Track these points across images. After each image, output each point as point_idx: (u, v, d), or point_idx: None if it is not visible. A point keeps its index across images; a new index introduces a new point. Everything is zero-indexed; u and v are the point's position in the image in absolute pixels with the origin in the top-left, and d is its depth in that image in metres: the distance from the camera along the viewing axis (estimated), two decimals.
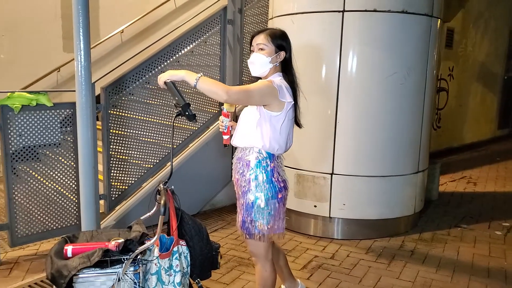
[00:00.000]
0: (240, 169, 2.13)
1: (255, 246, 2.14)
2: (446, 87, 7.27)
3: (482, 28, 8.04)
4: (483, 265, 3.27)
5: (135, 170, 3.69)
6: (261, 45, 2.07)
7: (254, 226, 2.07)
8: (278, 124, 2.05)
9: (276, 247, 2.45)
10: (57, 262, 1.71)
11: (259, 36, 2.09)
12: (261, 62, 2.07)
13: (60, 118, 3.19)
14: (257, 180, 2.06)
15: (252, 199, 2.06)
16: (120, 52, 5.71)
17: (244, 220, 2.10)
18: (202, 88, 1.87)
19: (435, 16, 3.65)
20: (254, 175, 2.06)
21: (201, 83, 1.85)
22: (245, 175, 2.09)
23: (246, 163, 2.09)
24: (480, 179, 6.04)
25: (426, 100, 3.76)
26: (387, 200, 3.71)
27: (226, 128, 2.24)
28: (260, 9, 4.62)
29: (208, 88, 1.87)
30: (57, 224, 3.28)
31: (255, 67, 2.11)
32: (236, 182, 2.19)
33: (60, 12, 5.33)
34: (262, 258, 2.17)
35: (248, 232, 2.10)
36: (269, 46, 2.07)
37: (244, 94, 1.95)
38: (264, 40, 2.07)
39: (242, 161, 2.12)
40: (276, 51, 2.08)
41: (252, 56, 2.11)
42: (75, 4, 2.41)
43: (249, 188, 2.07)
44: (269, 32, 2.09)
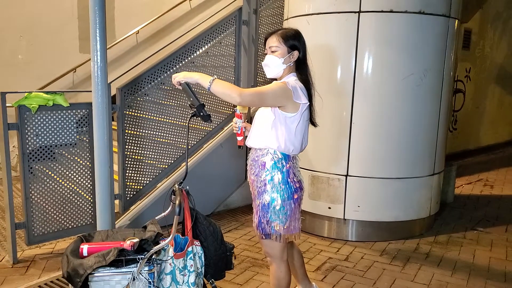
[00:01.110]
0: (256, 170, 2.13)
1: (271, 246, 2.14)
2: (463, 89, 7.15)
3: (500, 29, 7.89)
4: (499, 269, 3.21)
5: (150, 170, 3.72)
6: (274, 47, 2.08)
7: (271, 226, 2.07)
8: (293, 125, 2.05)
9: (295, 248, 2.45)
10: (73, 261, 1.73)
11: (271, 38, 2.10)
12: (275, 64, 2.08)
13: (76, 118, 3.23)
14: (273, 181, 2.06)
15: (268, 200, 2.06)
16: (136, 53, 5.77)
17: (260, 221, 2.10)
18: (216, 90, 1.88)
19: (453, 17, 3.60)
20: (270, 176, 2.07)
21: (215, 86, 1.87)
22: (260, 176, 2.09)
23: (262, 164, 2.09)
24: (497, 182, 5.92)
25: (443, 102, 3.70)
26: (402, 202, 3.66)
27: (240, 130, 2.23)
28: (275, 9, 4.61)
29: (221, 91, 1.88)
30: (72, 223, 3.32)
31: (269, 69, 2.11)
32: (251, 183, 2.19)
33: (77, 13, 5.41)
34: (278, 258, 2.17)
35: (264, 233, 2.10)
36: (281, 47, 2.07)
37: (258, 96, 1.96)
38: (276, 42, 2.08)
39: (257, 162, 2.12)
40: (289, 51, 2.08)
41: (266, 59, 2.11)
42: (92, 5, 2.43)
43: (265, 189, 2.07)
44: (281, 33, 2.09)
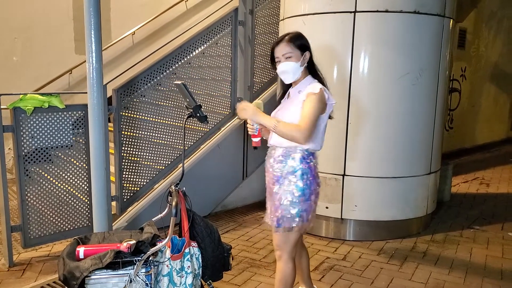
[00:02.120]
0: (282, 167, 2.15)
1: (286, 240, 2.17)
2: (459, 88, 7.18)
3: (495, 28, 7.94)
4: (496, 267, 3.23)
5: (147, 172, 3.71)
6: (287, 54, 2.11)
7: (295, 218, 2.12)
8: (323, 124, 2.17)
9: (305, 249, 2.51)
10: (69, 264, 1.72)
11: (280, 46, 2.13)
12: (293, 69, 2.12)
13: (72, 120, 3.21)
14: (302, 175, 2.12)
15: (298, 193, 2.11)
16: (132, 54, 5.76)
17: (283, 214, 2.12)
18: (280, 132, 2.04)
19: (448, 16, 3.61)
20: (300, 172, 2.13)
21: (280, 128, 2.02)
22: (289, 171, 2.13)
23: (291, 160, 2.14)
24: (493, 180, 5.95)
25: (438, 101, 3.71)
26: (399, 201, 3.67)
27: (257, 131, 2.21)
28: (271, 10, 4.61)
29: (285, 133, 2.03)
30: (69, 225, 3.31)
31: (289, 76, 2.15)
32: (271, 178, 2.20)
33: (72, 14, 5.39)
34: (288, 253, 2.20)
35: (285, 225, 2.13)
36: (294, 52, 2.12)
37: (312, 123, 2.04)
38: (288, 48, 2.11)
39: (285, 158, 2.15)
40: (302, 53, 2.14)
41: (281, 66, 2.13)
42: (87, 6, 2.43)
43: (295, 182, 2.12)
44: (289, 38, 2.13)
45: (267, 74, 4.67)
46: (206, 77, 4.12)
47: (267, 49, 4.63)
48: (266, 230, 3.91)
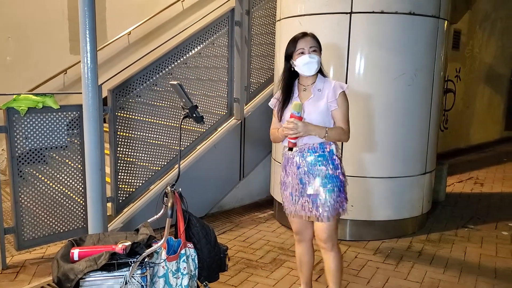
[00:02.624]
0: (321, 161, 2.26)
1: (333, 228, 2.32)
2: (453, 89, 7.22)
3: (489, 29, 7.99)
4: (490, 266, 3.25)
5: (143, 173, 3.69)
6: (314, 47, 2.24)
7: (343, 205, 2.30)
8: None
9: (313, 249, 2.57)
10: (64, 266, 1.70)
11: (306, 38, 2.25)
12: (318, 62, 2.25)
13: (67, 121, 3.19)
14: (340, 164, 2.32)
15: (343, 179, 2.31)
16: (127, 54, 5.73)
17: (334, 204, 2.26)
18: (330, 138, 2.24)
19: (442, 18, 3.63)
20: (338, 161, 2.31)
21: (330, 135, 2.21)
22: (329, 164, 2.27)
23: (329, 153, 2.28)
24: (487, 180, 5.99)
25: (434, 101, 3.73)
26: (395, 201, 3.68)
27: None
28: (267, 10, 4.61)
29: (335, 138, 2.26)
30: (64, 227, 3.28)
31: (314, 66, 2.24)
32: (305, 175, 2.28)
33: (67, 14, 5.36)
34: (336, 241, 2.36)
35: (337, 213, 2.28)
36: (318, 48, 2.27)
37: (349, 122, 2.31)
38: (314, 42, 2.25)
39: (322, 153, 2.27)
40: (321, 51, 2.30)
41: (307, 57, 2.22)
42: (81, 5, 2.41)
43: (339, 172, 2.29)
44: (312, 35, 2.29)
45: (264, 75, 4.67)
46: (203, 77, 4.11)
47: (264, 50, 4.63)
48: (263, 231, 3.90)
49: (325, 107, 2.24)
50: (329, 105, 2.25)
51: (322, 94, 2.26)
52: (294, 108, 2.16)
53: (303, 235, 2.47)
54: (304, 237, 2.48)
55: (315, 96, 2.27)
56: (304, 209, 2.30)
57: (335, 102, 2.24)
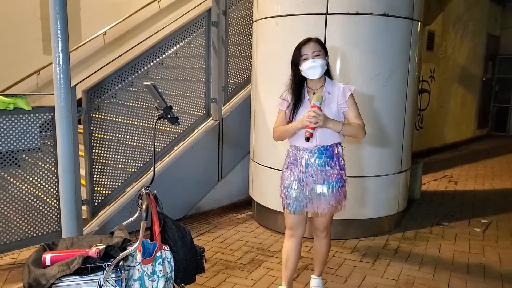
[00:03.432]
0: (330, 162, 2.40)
1: (331, 221, 2.58)
2: (428, 89, 7.38)
3: (461, 31, 8.21)
4: (463, 262, 3.34)
5: (119, 175, 3.63)
6: (317, 52, 2.33)
7: (342, 202, 2.47)
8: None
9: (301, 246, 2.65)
10: (35, 271, 1.67)
11: (309, 44, 2.36)
12: (322, 65, 2.33)
13: (40, 122, 3.12)
14: (344, 164, 2.47)
15: (345, 179, 2.48)
16: (103, 54, 5.63)
17: (339, 201, 2.45)
18: (347, 132, 2.34)
19: (416, 19, 3.71)
20: (343, 161, 2.46)
21: (347, 129, 2.32)
22: (336, 165, 2.42)
23: (335, 154, 2.43)
24: (460, 178, 6.15)
25: (408, 101, 3.81)
26: (371, 200, 3.74)
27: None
28: (244, 11, 4.61)
29: (352, 132, 2.35)
30: (37, 231, 3.20)
31: (317, 70, 2.33)
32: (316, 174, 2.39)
33: (39, 13, 5.23)
34: (330, 229, 2.64)
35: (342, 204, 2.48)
36: (322, 52, 2.36)
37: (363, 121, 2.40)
38: (317, 47, 2.35)
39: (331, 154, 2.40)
40: (325, 55, 2.38)
41: (311, 61, 2.31)
42: (52, 4, 2.35)
43: (343, 172, 2.45)
44: (316, 39, 2.39)
45: (242, 75, 4.67)
46: (180, 78, 4.07)
47: (241, 50, 4.63)
48: (242, 232, 3.90)
49: (336, 109, 2.38)
50: (340, 107, 2.39)
51: (333, 97, 2.38)
52: (317, 99, 2.26)
53: (296, 231, 2.54)
54: (296, 233, 2.54)
55: (326, 100, 2.38)
56: (308, 205, 2.43)
57: (345, 104, 2.38)
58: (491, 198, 5.17)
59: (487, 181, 5.99)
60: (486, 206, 4.81)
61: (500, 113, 10.53)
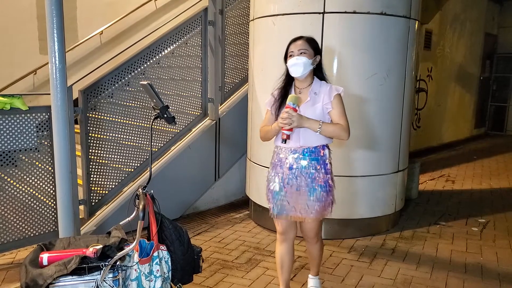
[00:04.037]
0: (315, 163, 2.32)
1: (319, 227, 2.51)
2: (425, 88, 7.39)
3: (459, 30, 8.22)
4: (460, 261, 3.34)
5: (116, 174, 3.63)
6: (303, 50, 2.29)
7: (329, 207, 2.38)
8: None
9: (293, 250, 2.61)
10: (32, 271, 1.66)
11: (297, 42, 2.32)
12: (305, 64, 2.27)
13: (36, 122, 3.11)
14: (331, 168, 2.39)
15: (332, 184, 2.38)
16: (99, 54, 5.62)
17: (325, 206, 2.35)
18: (326, 132, 2.25)
19: (413, 18, 3.71)
20: (329, 165, 2.38)
21: (325, 128, 2.24)
22: (322, 168, 2.34)
23: (321, 157, 2.34)
24: (458, 177, 6.16)
25: (405, 101, 3.81)
26: (368, 200, 3.74)
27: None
28: (241, 10, 4.60)
29: (331, 132, 2.27)
30: (34, 231, 3.19)
31: (299, 68, 2.28)
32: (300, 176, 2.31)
33: (36, 12, 5.21)
34: (320, 234, 2.57)
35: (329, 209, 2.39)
36: (309, 51, 2.30)
37: (347, 120, 2.32)
38: (304, 45, 2.30)
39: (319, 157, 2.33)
40: (314, 54, 2.32)
41: (295, 59, 2.28)
42: (48, 4, 2.35)
43: (329, 176, 2.36)
44: (306, 38, 2.34)
45: (239, 75, 4.67)
46: (176, 77, 4.07)
47: (238, 50, 4.63)
48: (239, 231, 3.90)
49: (321, 110, 2.31)
50: (325, 108, 2.31)
51: (319, 97, 2.32)
52: (290, 99, 2.22)
53: (288, 235, 2.49)
54: (288, 237, 2.50)
55: (311, 100, 2.33)
56: (292, 210, 2.35)
57: (329, 104, 2.31)
58: (488, 198, 5.18)
59: (485, 181, 6.00)
60: (483, 206, 4.82)
61: (497, 112, 10.56)
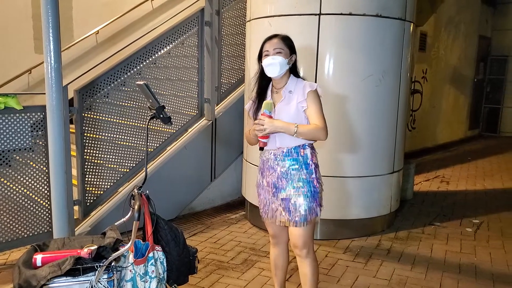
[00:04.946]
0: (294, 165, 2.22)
1: (310, 234, 2.28)
2: (420, 89, 7.43)
3: (453, 32, 8.27)
4: (455, 261, 3.36)
5: (111, 175, 3.61)
6: (278, 49, 2.20)
7: (317, 211, 2.23)
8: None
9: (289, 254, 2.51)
10: (25, 272, 1.65)
11: (272, 40, 2.23)
12: (281, 64, 2.19)
13: (31, 122, 3.09)
14: (316, 169, 2.26)
15: (317, 185, 2.24)
16: (95, 53, 5.59)
17: (308, 209, 2.20)
18: (302, 134, 2.15)
19: (408, 20, 3.73)
20: (313, 166, 2.24)
21: (301, 131, 2.14)
22: (303, 169, 2.22)
23: (303, 157, 2.23)
24: (452, 178, 6.19)
25: (401, 102, 3.83)
26: (364, 200, 3.75)
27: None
28: (237, 11, 4.60)
29: (307, 134, 2.16)
30: (28, 231, 3.17)
31: (276, 68, 2.19)
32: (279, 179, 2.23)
33: (31, 11, 5.18)
34: (312, 247, 2.32)
35: (310, 220, 2.21)
36: (284, 50, 2.23)
37: (324, 119, 2.21)
38: (280, 44, 2.22)
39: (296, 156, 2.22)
40: (290, 53, 2.25)
41: (272, 58, 2.19)
42: (44, 3, 2.34)
43: (313, 177, 2.23)
44: (281, 37, 2.26)
45: (235, 75, 4.66)
46: (173, 77, 4.06)
47: (234, 50, 4.62)
48: (235, 232, 3.90)
49: (295, 109, 2.20)
50: (299, 106, 2.20)
51: (293, 95, 2.22)
52: (265, 106, 2.17)
53: (279, 238, 2.43)
54: (280, 240, 2.44)
55: (286, 99, 2.23)
56: (277, 213, 2.26)
57: (304, 102, 2.20)
58: (482, 198, 5.21)
59: (479, 182, 6.04)
60: (477, 206, 4.85)
61: (491, 114, 10.63)
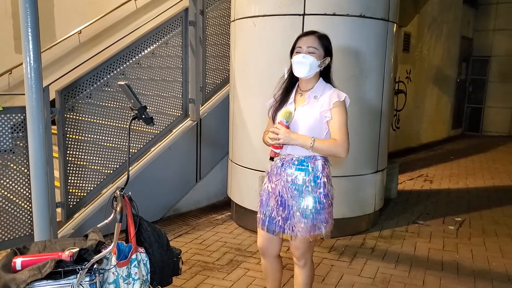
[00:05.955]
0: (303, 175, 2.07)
1: (309, 247, 2.16)
2: (405, 90, 7.52)
3: (436, 33, 8.40)
4: (437, 259, 3.41)
5: (94, 176, 3.56)
6: (312, 48, 2.03)
7: (320, 228, 2.07)
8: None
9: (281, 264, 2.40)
10: (4, 276, 1.62)
11: (309, 37, 2.06)
12: (311, 64, 2.02)
13: (11, 123, 3.03)
14: (326, 183, 2.09)
15: (325, 201, 2.07)
16: (78, 53, 5.52)
17: (309, 224, 2.06)
18: (318, 150, 2.00)
19: (391, 21, 3.77)
20: (324, 179, 2.08)
21: (317, 146, 1.98)
22: (311, 182, 2.07)
23: (313, 168, 2.08)
24: (436, 177, 6.28)
25: (384, 102, 3.87)
26: (348, 200, 3.78)
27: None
28: (222, 11, 4.59)
29: (324, 150, 2.02)
30: (8, 234, 3.11)
31: (304, 68, 2.02)
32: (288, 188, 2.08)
33: (11, 10, 5.08)
34: (311, 258, 2.23)
35: (315, 232, 2.08)
36: (319, 50, 2.05)
37: (347, 134, 2.06)
38: (315, 43, 2.04)
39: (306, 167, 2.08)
40: (324, 56, 2.07)
41: (301, 56, 2.02)
42: (22, 1, 2.29)
43: (320, 192, 2.07)
44: (319, 35, 2.08)
45: (220, 75, 4.65)
46: (157, 77, 4.03)
47: (219, 50, 4.61)
48: (220, 233, 3.89)
49: (317, 117, 2.04)
50: (322, 116, 2.05)
51: (318, 102, 2.05)
52: (283, 115, 2.03)
53: (267, 251, 2.28)
54: (267, 252, 2.28)
55: (309, 104, 2.07)
56: (276, 224, 2.11)
57: (328, 112, 2.04)
58: (464, 197, 5.30)
59: (461, 180, 6.14)
60: (460, 205, 4.93)
61: (473, 114, 10.83)
